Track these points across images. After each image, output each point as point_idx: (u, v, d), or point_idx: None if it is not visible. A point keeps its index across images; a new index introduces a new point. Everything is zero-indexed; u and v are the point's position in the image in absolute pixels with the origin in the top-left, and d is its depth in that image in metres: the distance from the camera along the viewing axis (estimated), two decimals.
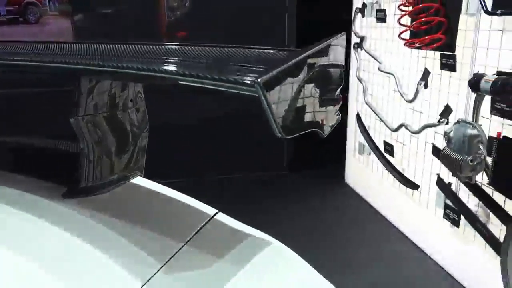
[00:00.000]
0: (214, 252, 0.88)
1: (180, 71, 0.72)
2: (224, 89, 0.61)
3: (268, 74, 0.55)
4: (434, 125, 2.51)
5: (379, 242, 2.97)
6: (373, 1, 3.19)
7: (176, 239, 0.89)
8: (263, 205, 3.45)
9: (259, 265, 0.85)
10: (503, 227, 2.04)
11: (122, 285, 0.76)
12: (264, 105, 0.56)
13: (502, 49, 2.03)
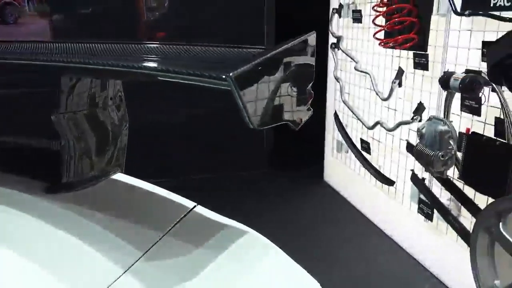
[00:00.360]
0: (193, 241, 0.91)
1: (157, 67, 0.76)
2: (199, 84, 0.65)
3: (239, 69, 0.60)
4: (408, 122, 2.59)
5: (357, 238, 3.04)
6: (349, 2, 3.26)
7: (157, 230, 0.93)
8: (244, 204, 3.49)
9: (235, 253, 0.89)
10: (473, 220, 2.12)
11: (105, 272, 0.80)
12: (236, 98, 0.60)
13: (471, 48, 2.12)
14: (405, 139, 2.71)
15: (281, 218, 3.30)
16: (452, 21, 2.22)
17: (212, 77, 0.61)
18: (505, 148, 1.81)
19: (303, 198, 3.70)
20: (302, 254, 2.29)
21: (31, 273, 0.80)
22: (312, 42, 0.81)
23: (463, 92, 1.90)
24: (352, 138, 3.41)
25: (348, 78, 3.42)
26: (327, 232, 3.12)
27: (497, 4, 1.84)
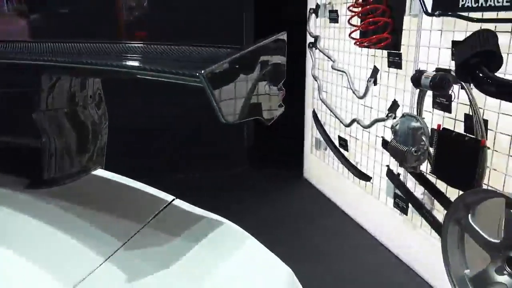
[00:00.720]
0: (171, 232, 0.95)
1: (134, 65, 0.79)
2: (174, 81, 0.69)
3: (211, 66, 0.64)
4: (383, 119, 2.66)
5: (335, 232, 3.11)
6: (326, 2, 3.33)
7: (136, 222, 0.96)
8: (224, 201, 3.52)
9: (211, 242, 0.93)
10: (445, 213, 2.21)
11: (86, 261, 0.83)
12: (209, 94, 0.64)
13: (441, 47, 2.20)
14: (380, 135, 2.79)
15: (261, 214, 3.35)
16: (424, 22, 2.30)
17: (186, 75, 0.65)
18: (473, 143, 1.89)
19: (283, 194, 3.76)
20: (281, 248, 2.33)
21: (13, 263, 0.82)
22: (283, 41, 0.86)
23: (433, 90, 1.97)
24: (330, 136, 3.48)
25: (325, 76, 3.48)
26: (306, 227, 3.18)
27: (465, 5, 1.92)
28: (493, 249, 1.61)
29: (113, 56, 0.93)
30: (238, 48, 0.79)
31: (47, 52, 0.99)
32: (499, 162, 1.94)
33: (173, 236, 0.93)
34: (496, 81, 1.53)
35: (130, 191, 1.16)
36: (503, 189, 1.92)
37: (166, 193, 1.11)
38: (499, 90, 1.51)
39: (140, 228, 0.93)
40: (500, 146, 1.92)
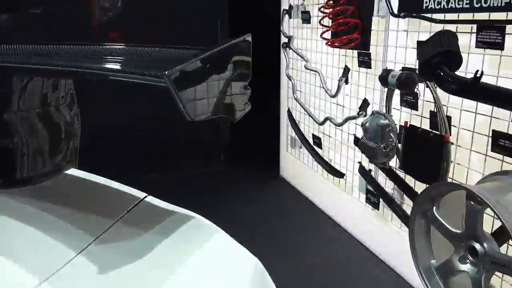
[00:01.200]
0: (143, 227, 0.99)
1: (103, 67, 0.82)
2: (140, 81, 0.72)
3: (175, 67, 0.68)
4: (355, 117, 2.74)
5: (311, 229, 3.18)
6: (298, 3, 3.39)
7: (109, 218, 0.99)
8: (201, 201, 3.54)
9: (181, 236, 0.97)
10: None
11: (58, 255, 0.85)
12: (173, 93, 0.68)
13: (408, 47, 2.29)
14: (352, 133, 2.87)
15: (237, 212, 3.40)
16: (391, 23, 2.38)
17: (150, 75, 0.69)
18: (437, 138, 1.98)
19: (259, 192, 3.82)
20: (256, 243, 2.36)
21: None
22: (248, 42, 0.90)
23: (399, 88, 2.05)
24: (304, 134, 3.55)
25: (299, 76, 3.55)
26: (281, 223, 3.24)
27: (429, 7, 2.01)
28: (456, 239, 1.69)
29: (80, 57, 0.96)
30: (203, 49, 0.83)
31: (14, 54, 1.00)
32: (462, 157, 2.03)
33: (145, 231, 0.96)
34: (456, 79, 1.60)
35: (102, 189, 1.18)
36: (466, 182, 2.01)
37: (138, 191, 1.15)
38: (459, 88, 1.59)
39: (112, 224, 0.96)
40: (463, 141, 2.01)
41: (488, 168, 1.87)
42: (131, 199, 1.09)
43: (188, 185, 3.95)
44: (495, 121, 1.81)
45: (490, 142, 1.82)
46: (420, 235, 1.92)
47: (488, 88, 1.54)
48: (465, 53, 1.88)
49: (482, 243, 1.60)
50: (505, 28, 1.69)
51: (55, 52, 1.01)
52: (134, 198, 1.10)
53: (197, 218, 1.04)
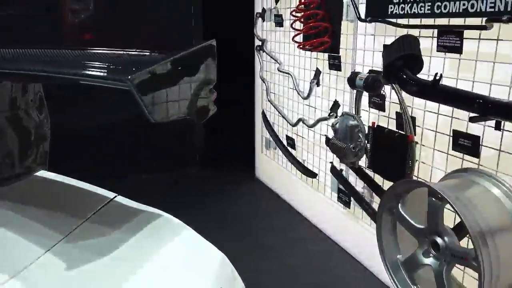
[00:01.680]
0: (112, 225, 1.02)
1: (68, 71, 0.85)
2: (105, 85, 0.76)
3: (138, 72, 0.71)
4: (326, 118, 2.81)
5: (286, 228, 3.24)
6: (271, 7, 3.45)
7: (79, 217, 1.02)
8: (176, 202, 3.57)
9: (150, 233, 1.00)
10: None
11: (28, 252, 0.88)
12: (135, 96, 0.72)
13: (375, 50, 2.37)
14: (324, 134, 2.94)
15: (212, 212, 3.44)
16: (359, 27, 2.46)
17: (115, 79, 0.72)
18: (403, 138, 2.06)
19: (235, 193, 3.86)
20: (231, 243, 2.39)
21: None
22: (212, 47, 0.94)
23: (366, 90, 2.12)
24: (278, 135, 3.60)
25: (273, 78, 3.61)
26: (257, 223, 3.30)
27: (394, 12, 2.08)
28: (420, 235, 1.77)
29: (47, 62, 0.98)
30: (169, 54, 0.87)
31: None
32: (426, 155, 2.11)
33: (113, 229, 0.99)
34: (418, 82, 1.68)
35: (72, 190, 1.20)
36: (430, 180, 2.09)
37: (108, 191, 1.17)
38: (420, 90, 1.66)
39: (81, 223, 0.99)
40: (427, 140, 2.10)
41: (450, 166, 1.95)
42: (101, 199, 1.12)
43: (163, 187, 3.96)
44: (455, 121, 1.89)
45: (451, 141, 1.91)
46: (387, 232, 1.99)
47: (447, 90, 1.62)
48: (428, 57, 1.97)
49: (444, 238, 1.68)
50: (463, 33, 1.77)
51: (21, 56, 1.03)
52: (104, 198, 1.13)
53: (165, 216, 1.08)
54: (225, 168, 4.43)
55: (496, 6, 1.58)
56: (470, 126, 1.81)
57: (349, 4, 2.42)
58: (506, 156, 1.68)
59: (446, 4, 1.79)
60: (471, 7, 1.68)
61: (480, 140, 1.79)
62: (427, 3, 1.88)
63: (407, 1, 1.99)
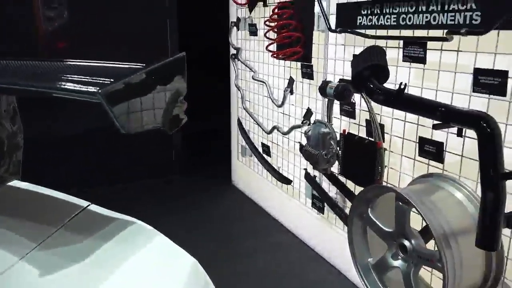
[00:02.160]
0: (85, 233, 1.03)
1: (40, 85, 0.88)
2: (77, 98, 0.79)
3: (109, 86, 0.74)
4: (299, 126, 2.87)
5: (262, 234, 3.27)
6: (245, 16, 3.51)
7: (52, 226, 1.03)
8: (153, 209, 3.58)
9: (122, 240, 1.03)
10: None
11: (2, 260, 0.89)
12: (106, 109, 0.75)
13: (345, 60, 2.44)
14: (298, 141, 2.99)
15: (189, 219, 3.46)
16: (330, 37, 2.54)
17: (86, 93, 0.75)
18: (372, 145, 2.13)
19: (211, 201, 3.88)
20: (207, 249, 2.40)
21: None
22: (182, 60, 0.98)
23: (336, 99, 2.19)
24: (254, 143, 3.65)
25: (248, 86, 3.66)
26: (232, 229, 3.33)
27: (362, 23, 2.16)
28: (389, 238, 1.83)
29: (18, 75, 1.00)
30: (140, 67, 0.90)
31: None
32: (395, 161, 2.19)
33: (86, 236, 1.01)
34: (384, 91, 1.75)
35: (46, 199, 1.22)
36: (399, 185, 2.17)
37: (81, 200, 1.19)
38: (386, 99, 1.73)
39: (54, 231, 1.01)
40: (395, 147, 2.18)
41: (417, 171, 2.03)
42: (74, 207, 1.14)
43: (140, 196, 3.96)
44: (421, 128, 1.97)
45: (418, 147, 1.99)
46: (358, 236, 2.06)
47: (411, 98, 1.69)
48: (394, 66, 2.05)
49: (411, 240, 1.75)
50: (426, 44, 1.86)
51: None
52: (77, 206, 1.14)
53: (138, 224, 1.10)
54: (201, 175, 4.46)
55: (456, 19, 1.67)
56: (434, 133, 1.89)
57: (320, 15, 2.49)
58: (468, 162, 1.76)
59: (411, 17, 1.88)
60: (433, 19, 1.77)
61: (444, 146, 1.87)
62: (393, 15, 1.96)
63: (374, 13, 2.07)
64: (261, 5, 3.17)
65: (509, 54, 1.57)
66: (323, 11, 2.35)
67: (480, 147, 1.41)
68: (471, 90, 1.70)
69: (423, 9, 1.81)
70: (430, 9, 1.77)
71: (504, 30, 1.53)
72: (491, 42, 1.60)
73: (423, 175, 1.93)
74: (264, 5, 3.15)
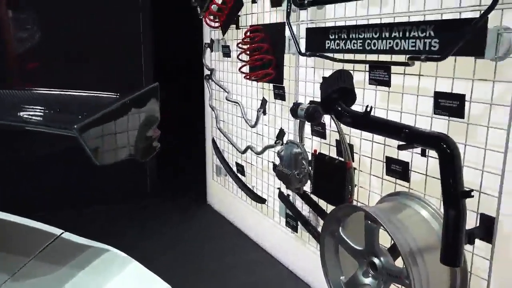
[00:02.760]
0: (59, 262, 1.04)
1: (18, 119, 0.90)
2: (53, 132, 0.81)
3: (84, 121, 0.77)
4: (273, 146, 2.92)
5: (237, 253, 3.29)
6: (219, 38, 3.57)
7: (25, 256, 1.04)
8: (129, 233, 3.55)
9: (96, 268, 1.04)
10: None
11: None
12: (81, 142, 0.77)
13: (315, 82, 2.52)
14: (272, 161, 3.05)
15: (163, 241, 3.44)
16: (301, 59, 2.62)
17: (63, 128, 0.78)
18: (342, 165, 2.20)
19: (186, 221, 3.88)
20: (181, 270, 2.39)
21: None
22: (156, 90, 1.02)
23: (307, 120, 2.25)
24: (228, 162, 3.68)
25: (222, 107, 3.71)
26: (208, 249, 3.33)
27: (330, 47, 2.25)
28: (359, 256, 1.88)
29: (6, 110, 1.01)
30: (116, 98, 0.93)
31: None
32: (364, 180, 2.26)
33: (60, 266, 1.02)
34: (351, 113, 1.82)
35: (17, 228, 1.21)
36: (368, 203, 2.24)
37: (54, 227, 1.19)
38: (353, 121, 1.80)
39: (28, 261, 1.01)
40: (364, 166, 2.25)
41: (385, 190, 2.10)
42: (47, 236, 1.14)
43: (114, 219, 3.92)
44: (388, 148, 2.05)
45: (385, 167, 2.07)
46: (330, 254, 2.10)
47: (377, 120, 1.76)
48: (361, 89, 2.14)
49: (380, 258, 1.80)
50: (390, 68, 1.95)
51: None
52: (50, 235, 1.15)
53: (112, 251, 1.12)
54: (177, 195, 4.46)
55: (417, 45, 1.77)
56: (400, 153, 1.97)
57: (290, 39, 2.57)
58: (432, 180, 1.84)
59: (375, 42, 1.97)
60: (396, 45, 1.86)
61: (409, 166, 1.95)
62: (359, 40, 2.05)
63: (341, 37, 2.16)
64: (233, 27, 3.25)
65: (465, 79, 1.67)
66: (293, 35, 2.43)
67: (441, 167, 1.48)
68: (433, 112, 1.79)
69: (386, 35, 1.90)
70: (393, 35, 1.86)
71: (460, 56, 1.62)
72: (449, 67, 1.70)
73: (391, 194, 1.99)
74: (237, 28, 3.23)
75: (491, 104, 1.61)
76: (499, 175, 1.59)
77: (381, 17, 2.00)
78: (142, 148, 0.96)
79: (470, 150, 1.69)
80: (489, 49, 1.49)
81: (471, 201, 1.46)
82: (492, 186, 1.63)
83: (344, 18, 2.23)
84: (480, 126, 1.66)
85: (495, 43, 1.49)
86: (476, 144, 1.67)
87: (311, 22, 2.46)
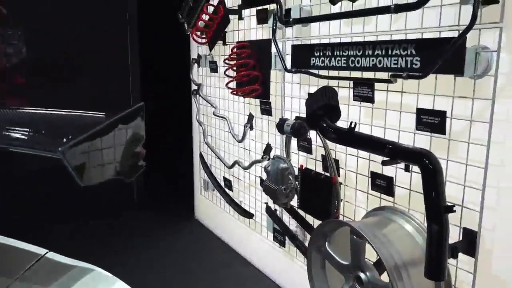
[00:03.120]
0: (43, 283, 1.03)
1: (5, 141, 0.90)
2: (39, 153, 0.82)
3: (69, 143, 0.78)
4: (260, 161, 2.94)
5: (224, 268, 3.27)
6: (206, 54, 3.60)
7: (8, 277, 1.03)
8: (114, 249, 3.52)
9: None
10: None
11: None
12: (65, 164, 0.78)
13: (301, 98, 2.55)
14: (259, 176, 3.06)
15: (150, 256, 3.42)
16: (287, 76, 2.65)
17: (48, 150, 0.79)
18: (328, 180, 2.22)
19: (174, 235, 3.85)
20: (168, 284, 2.34)
21: None
22: (141, 109, 1.03)
23: (293, 136, 2.27)
24: (216, 177, 3.69)
25: (209, 121, 3.72)
26: (195, 264, 3.31)
27: (315, 64, 2.28)
28: (345, 270, 1.89)
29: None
30: (102, 118, 0.94)
31: None
32: (350, 195, 2.28)
33: (45, 287, 1.01)
34: (336, 130, 1.85)
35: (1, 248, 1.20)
36: (354, 218, 2.26)
37: (38, 247, 1.19)
38: (338, 137, 1.83)
39: (11, 283, 1.00)
40: (350, 181, 2.27)
41: (371, 204, 2.13)
42: (31, 256, 1.14)
43: (101, 232, 3.88)
44: (372, 163, 2.08)
45: (370, 182, 2.09)
46: (317, 269, 2.11)
47: (361, 136, 1.79)
48: (346, 105, 2.17)
49: (366, 273, 1.82)
50: (374, 85, 1.99)
51: None
52: (34, 255, 1.14)
53: (97, 271, 1.11)
54: (164, 210, 4.44)
55: (399, 63, 1.81)
56: (384, 168, 1.99)
57: (276, 55, 2.61)
58: (416, 195, 1.87)
59: (359, 59, 2.01)
60: (379, 63, 1.91)
61: (394, 181, 1.98)
62: (343, 57, 2.09)
63: (326, 54, 2.20)
64: (220, 43, 3.28)
65: (446, 96, 1.71)
66: (279, 51, 2.47)
67: (424, 182, 1.51)
68: (415, 128, 1.83)
69: (369, 53, 1.94)
70: (376, 53, 1.91)
71: (441, 74, 1.67)
72: (431, 84, 1.74)
73: (376, 208, 2.01)
74: (224, 44, 3.26)
75: (471, 120, 1.65)
76: (480, 190, 1.62)
77: (364, 35, 2.05)
78: (128, 167, 0.96)
79: (452, 165, 1.73)
80: (468, 68, 1.54)
81: (453, 215, 1.49)
82: (474, 201, 1.66)
83: (329, 35, 2.28)
84: (461, 142, 1.69)
85: (474, 62, 1.53)
86: (458, 159, 1.71)
87: (297, 39, 2.51)
